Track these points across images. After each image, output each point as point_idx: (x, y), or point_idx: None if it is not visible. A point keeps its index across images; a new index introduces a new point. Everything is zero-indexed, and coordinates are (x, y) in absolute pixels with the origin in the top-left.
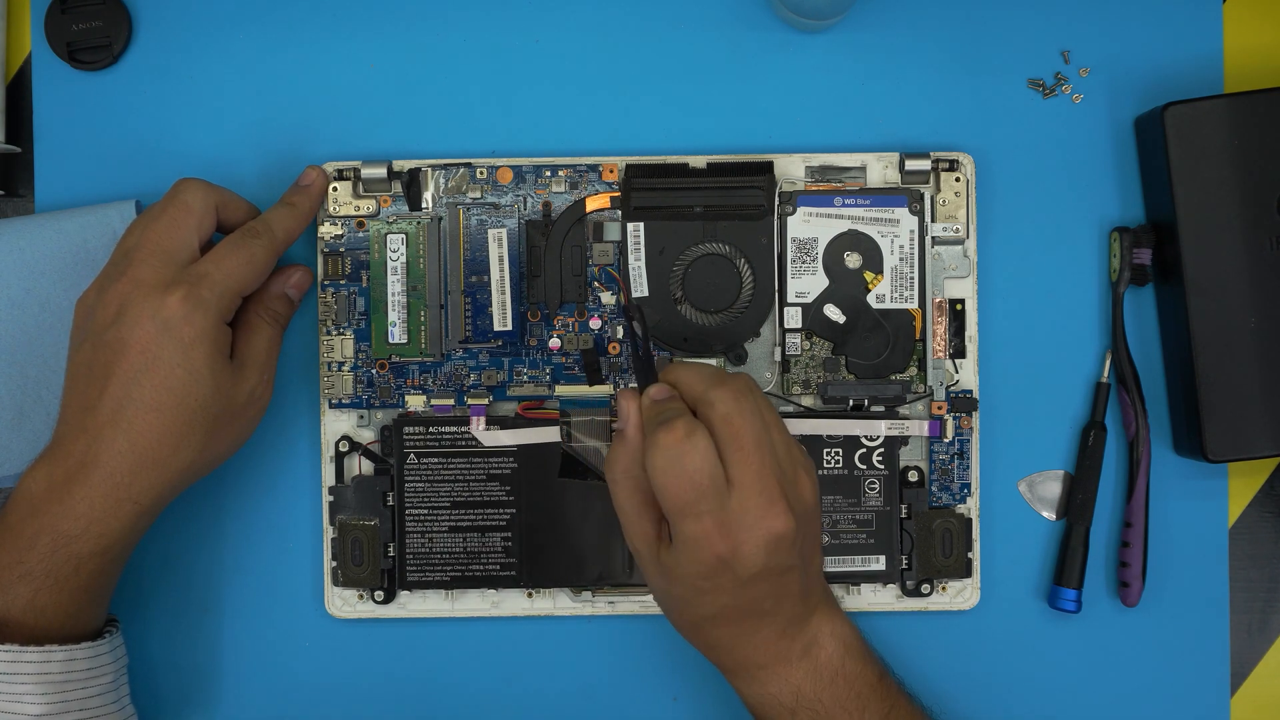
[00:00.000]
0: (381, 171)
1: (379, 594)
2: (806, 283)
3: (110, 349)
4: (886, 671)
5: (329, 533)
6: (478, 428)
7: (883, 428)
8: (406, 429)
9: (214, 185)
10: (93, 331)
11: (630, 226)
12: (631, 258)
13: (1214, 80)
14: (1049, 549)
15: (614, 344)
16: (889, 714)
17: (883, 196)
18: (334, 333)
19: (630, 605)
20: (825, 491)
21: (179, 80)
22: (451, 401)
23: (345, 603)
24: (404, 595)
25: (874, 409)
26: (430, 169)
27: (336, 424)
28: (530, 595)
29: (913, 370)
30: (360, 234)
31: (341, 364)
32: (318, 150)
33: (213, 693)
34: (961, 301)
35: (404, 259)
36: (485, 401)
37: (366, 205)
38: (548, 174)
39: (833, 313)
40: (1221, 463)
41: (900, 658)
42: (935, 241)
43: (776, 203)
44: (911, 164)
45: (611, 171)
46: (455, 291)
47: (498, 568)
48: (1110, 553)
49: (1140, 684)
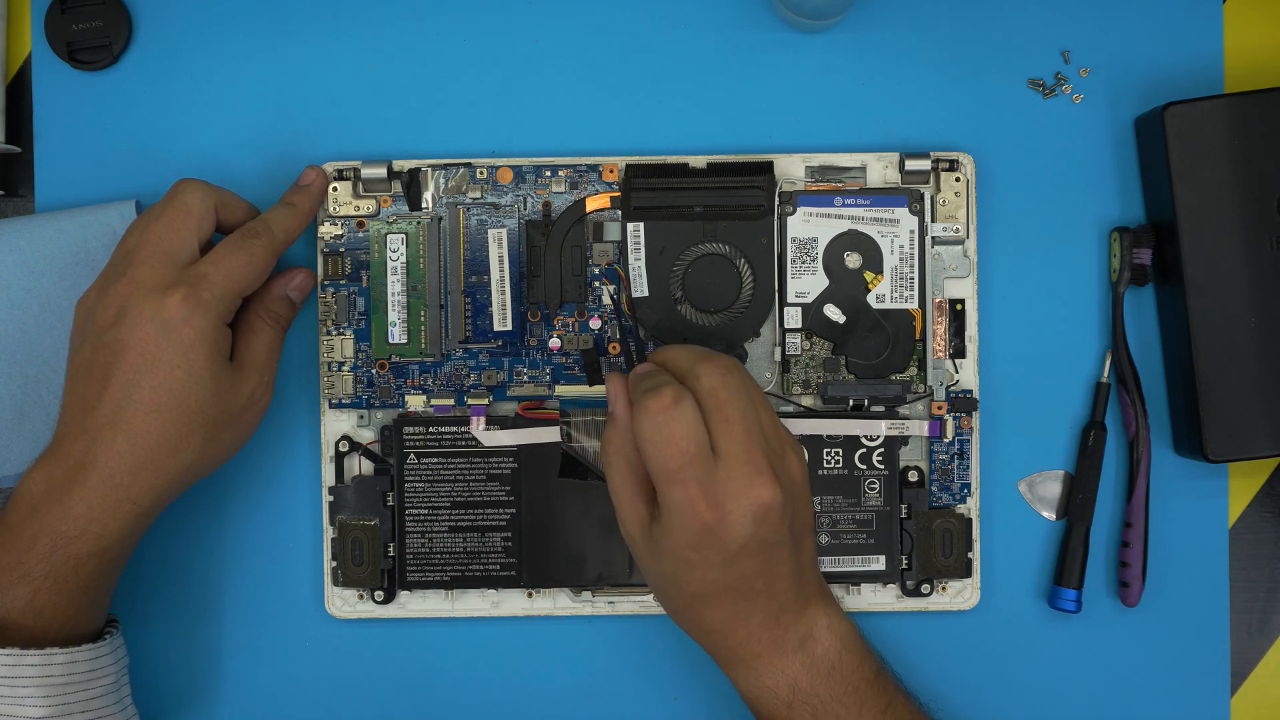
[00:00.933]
0: (381, 171)
1: (379, 594)
2: (806, 283)
3: (110, 350)
4: (884, 668)
5: (329, 533)
6: (478, 428)
7: (883, 428)
8: (406, 429)
9: (213, 186)
10: (92, 332)
11: (630, 226)
12: (631, 258)
13: (1214, 80)
14: (1049, 549)
15: (614, 344)
16: (886, 710)
17: (883, 196)
18: (334, 333)
19: (630, 605)
20: (825, 491)
21: (179, 80)
22: (451, 401)
23: (345, 603)
24: (404, 595)
25: (874, 409)
26: (430, 169)
27: (336, 424)
28: (530, 595)
29: (913, 370)
30: (360, 234)
31: (341, 364)
32: (318, 150)
33: (213, 693)
34: (961, 301)
35: (404, 259)
36: (485, 401)
37: (366, 205)
38: (548, 174)
39: (833, 313)
40: (1221, 463)
41: (900, 658)
42: (935, 241)
43: (776, 203)
44: (911, 164)
45: (611, 171)
46: (455, 291)
47: (498, 568)
48: (1110, 553)
49: (1140, 684)
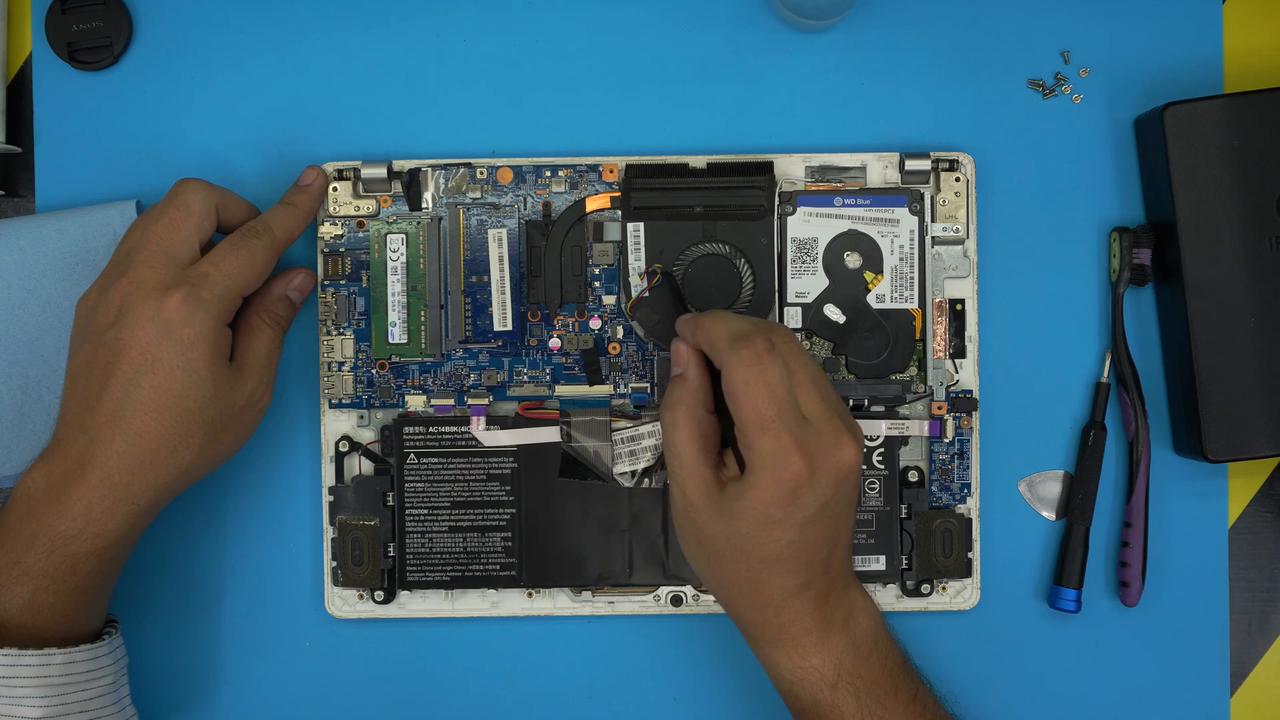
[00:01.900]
0: (381, 171)
1: (379, 594)
2: (806, 283)
3: (110, 350)
4: (908, 654)
5: (329, 533)
6: (478, 428)
7: (883, 428)
8: (406, 429)
9: (214, 185)
10: (93, 332)
11: (630, 226)
12: (631, 258)
13: (1214, 80)
14: (1049, 549)
15: (614, 344)
16: (916, 696)
17: (883, 196)
18: (334, 333)
19: (630, 605)
20: None
21: (179, 80)
22: (451, 401)
23: (345, 603)
24: (404, 595)
25: (874, 409)
26: (430, 169)
27: (336, 424)
28: (530, 595)
29: (913, 370)
30: (360, 234)
31: (341, 364)
32: (318, 150)
33: (213, 693)
34: (961, 301)
35: (404, 259)
36: (485, 401)
37: (366, 205)
38: (548, 174)
39: (833, 313)
40: (1221, 463)
41: None
42: (935, 241)
43: (776, 203)
44: (911, 164)
45: (611, 171)
46: (455, 291)
47: (498, 568)
48: (1110, 553)
49: (1140, 684)
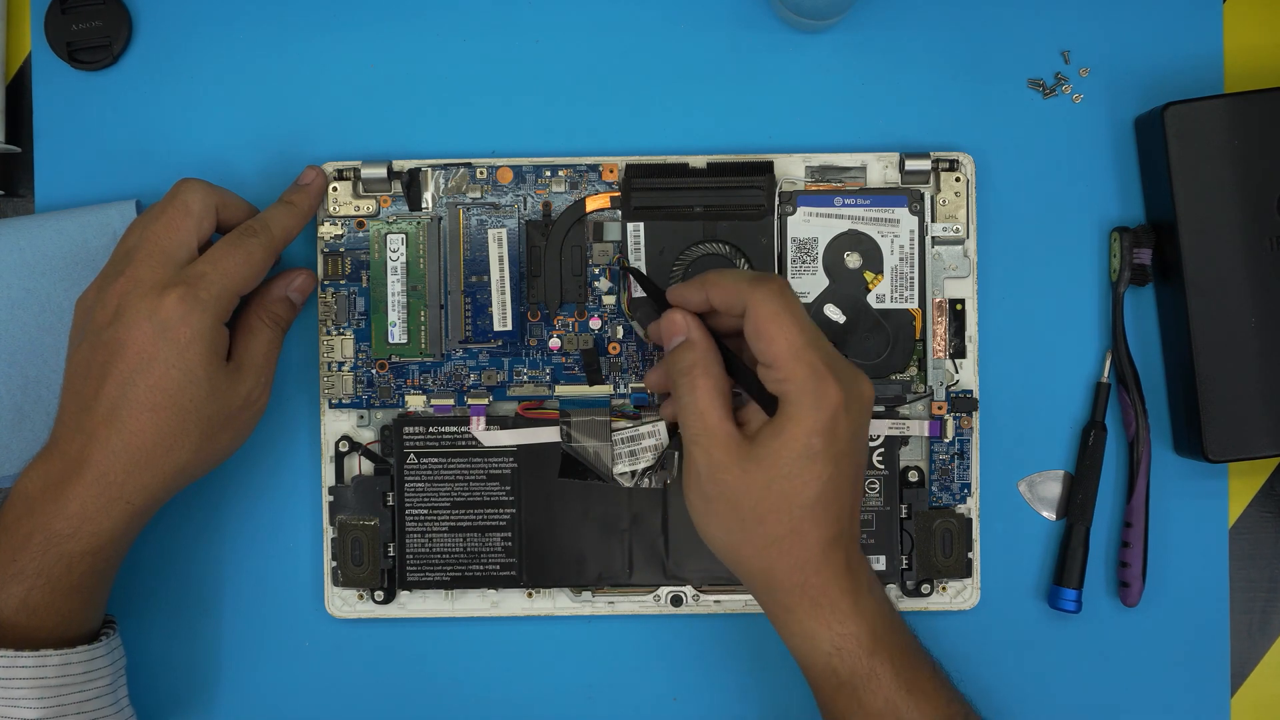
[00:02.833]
0: (381, 171)
1: (379, 594)
2: (806, 283)
3: (108, 348)
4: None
5: (329, 533)
6: (478, 428)
7: (883, 428)
8: (406, 429)
9: (214, 186)
10: (91, 331)
11: (630, 226)
12: (631, 258)
13: (1214, 80)
14: (1049, 549)
15: (614, 344)
16: (935, 670)
17: (883, 196)
18: (334, 333)
19: (630, 605)
20: None
21: (179, 80)
22: (451, 401)
23: (345, 603)
24: (404, 595)
25: (874, 409)
26: (430, 169)
27: (336, 424)
28: (530, 595)
29: (913, 370)
30: (360, 234)
31: (341, 364)
32: (318, 150)
33: (213, 693)
34: (961, 301)
35: (404, 259)
36: (485, 401)
37: (366, 205)
38: (548, 174)
39: (833, 313)
40: (1221, 463)
41: None
42: (935, 241)
43: (776, 203)
44: (911, 164)
45: (611, 171)
46: (455, 291)
47: (498, 568)
48: (1110, 553)
49: (1140, 684)
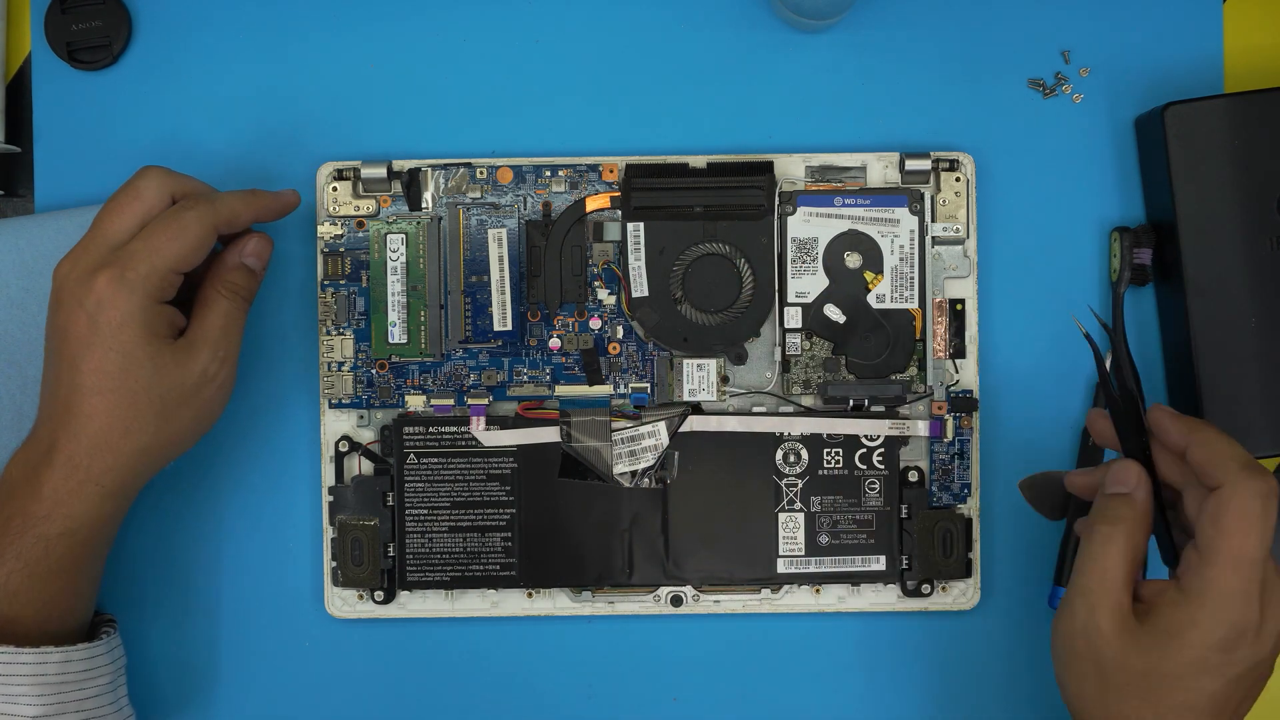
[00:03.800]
0: (381, 171)
1: (379, 594)
2: (806, 283)
3: (58, 335)
4: None
5: (329, 533)
6: (478, 428)
7: (883, 428)
8: (406, 429)
9: (174, 173)
10: (48, 316)
11: (630, 226)
12: (631, 258)
13: (1214, 80)
14: (1049, 549)
15: (614, 344)
16: None
17: (883, 196)
18: (334, 333)
19: (630, 605)
20: (825, 491)
21: (179, 80)
22: (451, 401)
23: (345, 603)
24: (404, 595)
25: (874, 409)
26: (430, 169)
27: (336, 424)
28: (530, 595)
29: (913, 370)
30: (360, 234)
31: (341, 364)
32: (318, 150)
33: (213, 693)
34: (961, 301)
35: (404, 259)
36: (485, 401)
37: (366, 205)
38: (548, 174)
39: (833, 313)
40: None
41: (900, 658)
42: (935, 241)
43: (776, 203)
44: (911, 164)
45: (611, 171)
46: (455, 291)
47: (498, 568)
48: None
49: None
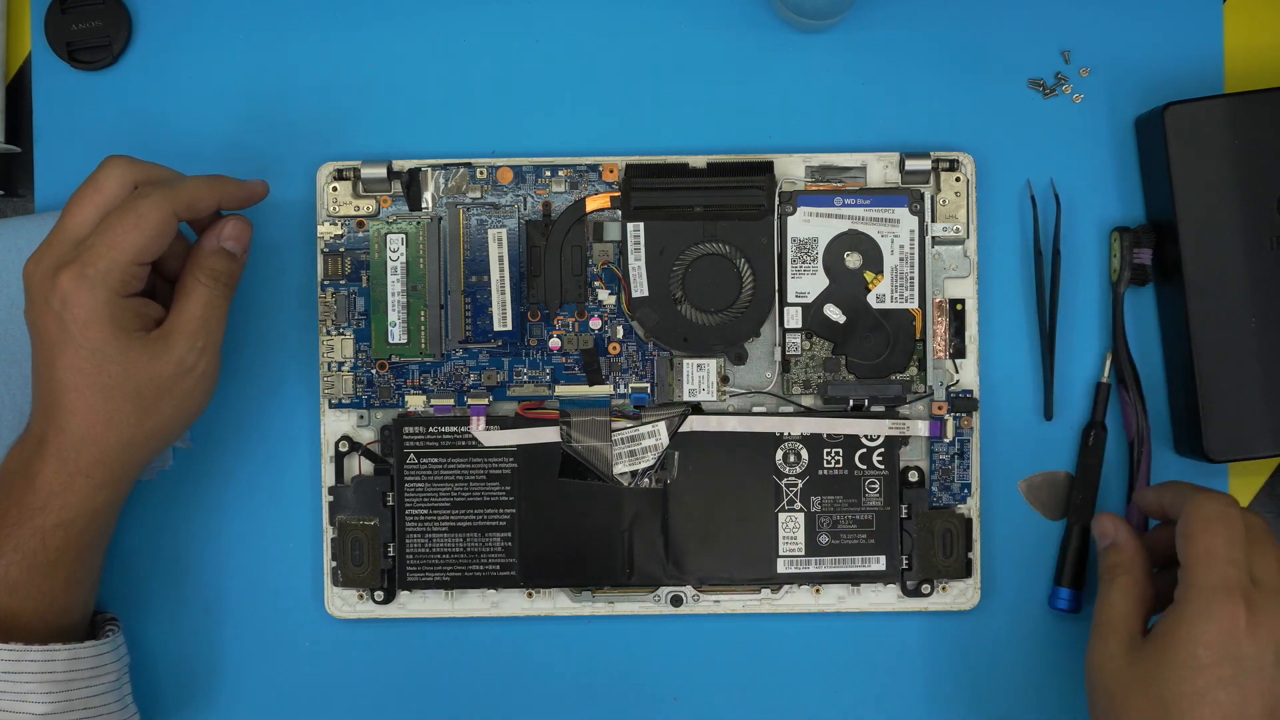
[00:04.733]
0: (381, 171)
1: (379, 594)
2: (806, 283)
3: (32, 332)
4: None
5: (329, 533)
6: (478, 428)
7: (883, 428)
8: (406, 429)
9: (138, 161)
10: (24, 314)
11: (630, 226)
12: (631, 258)
13: (1214, 80)
14: (1049, 549)
15: (614, 344)
16: None
17: (883, 196)
18: (334, 333)
19: (630, 605)
20: (825, 491)
21: (179, 80)
22: (451, 401)
23: (345, 603)
24: (404, 595)
25: (874, 409)
26: (430, 169)
27: (336, 424)
28: (530, 595)
29: (913, 370)
30: (360, 234)
31: (341, 364)
32: (318, 150)
33: (213, 693)
34: (961, 301)
35: (404, 259)
36: (485, 401)
37: (366, 205)
38: (548, 174)
39: (833, 313)
40: (1222, 463)
41: (900, 658)
42: (935, 241)
43: (776, 203)
44: (911, 164)
45: (611, 171)
46: (455, 291)
47: (497, 568)
48: None
49: None
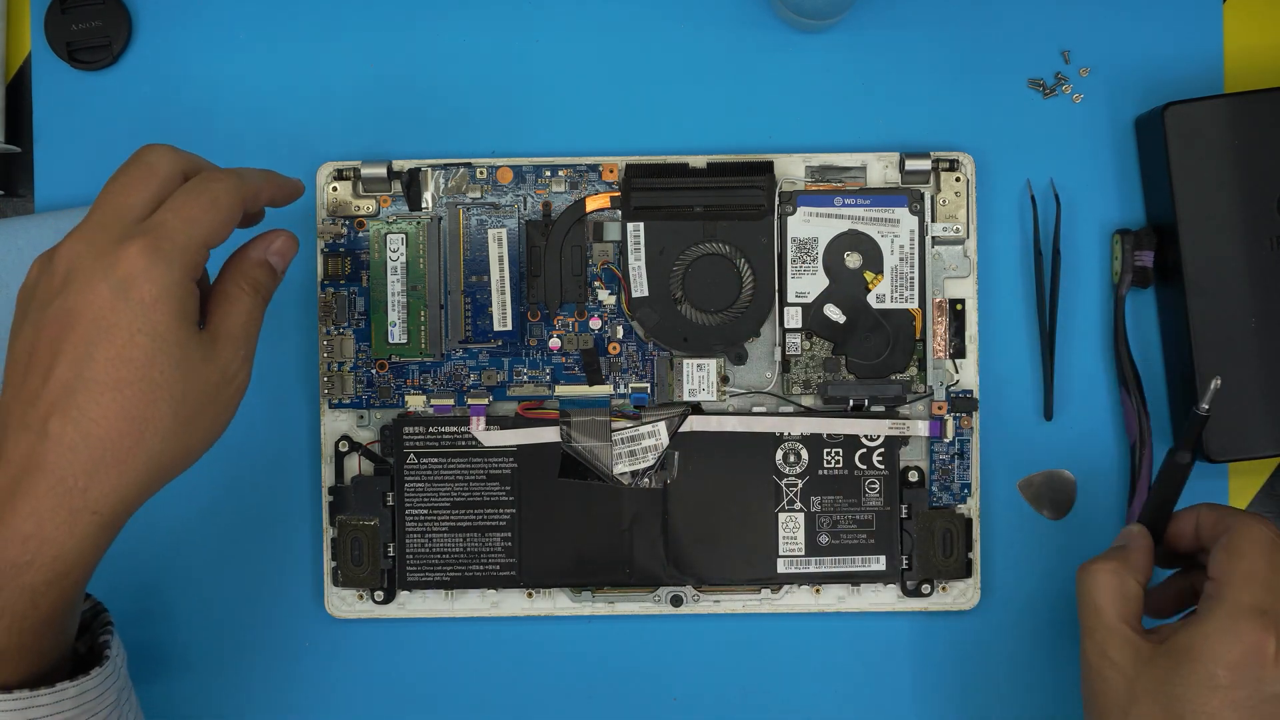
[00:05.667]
0: (381, 171)
1: (379, 594)
2: (806, 283)
3: (57, 323)
4: None
5: (329, 533)
6: (478, 428)
7: (883, 428)
8: (406, 429)
9: (183, 151)
10: (34, 310)
11: (630, 226)
12: (631, 258)
13: (1214, 80)
14: (1049, 549)
15: (614, 344)
16: None
17: (883, 196)
18: (334, 333)
19: (630, 605)
20: (825, 491)
21: (179, 80)
22: (451, 401)
23: (345, 603)
24: (404, 595)
25: (874, 409)
26: (430, 169)
27: (336, 424)
28: (530, 595)
29: (913, 370)
30: (360, 234)
31: (341, 364)
32: (318, 150)
33: (213, 692)
34: (961, 301)
35: (404, 259)
36: (485, 401)
37: (366, 205)
38: (548, 174)
39: (833, 313)
40: (1222, 462)
41: (900, 658)
42: (935, 241)
43: (776, 203)
44: (911, 164)
45: (611, 171)
46: (455, 291)
47: (497, 568)
48: None
49: None
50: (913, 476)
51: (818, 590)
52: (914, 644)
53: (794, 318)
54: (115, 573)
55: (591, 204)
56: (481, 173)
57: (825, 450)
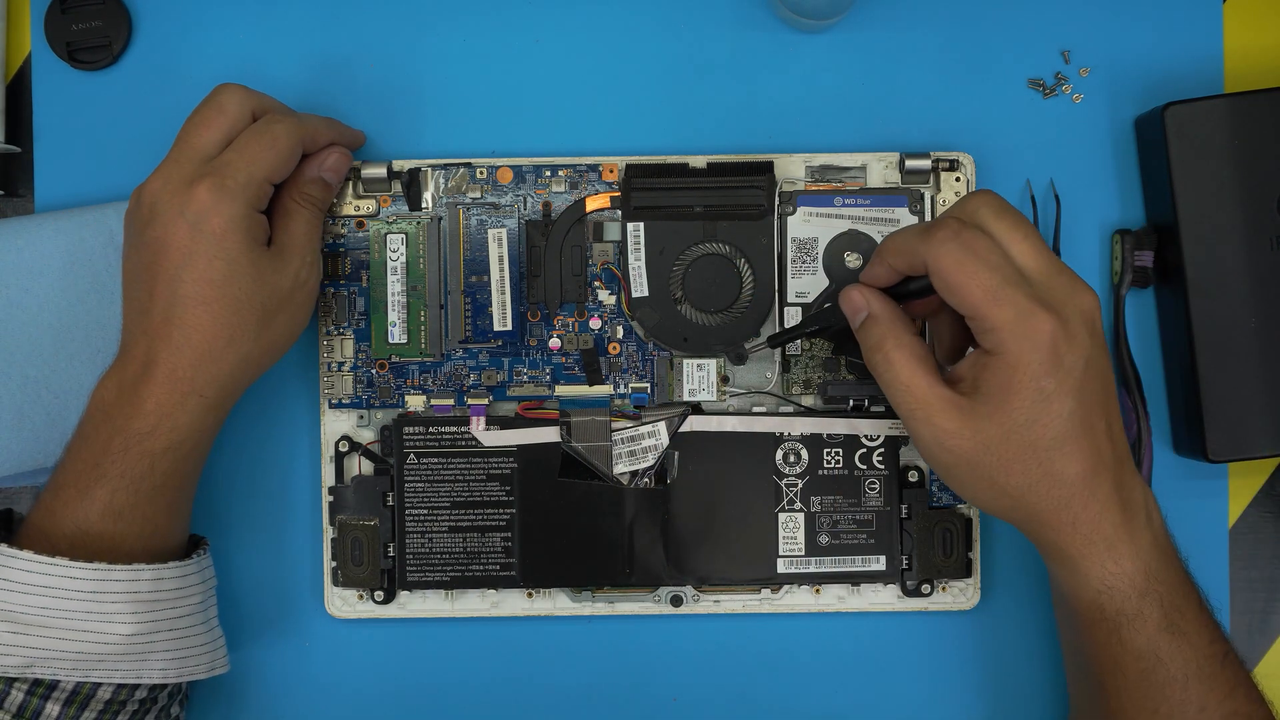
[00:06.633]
0: (381, 171)
1: (379, 594)
2: (806, 283)
3: (150, 250)
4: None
5: (329, 533)
6: (478, 428)
7: (883, 428)
8: (406, 429)
9: (254, 91)
10: (134, 234)
11: (630, 226)
12: (631, 258)
13: (1214, 80)
14: None
15: (614, 344)
16: (1203, 605)
17: (883, 196)
18: (334, 333)
19: (630, 605)
20: (825, 491)
21: (179, 80)
22: (451, 401)
23: (345, 603)
24: (404, 595)
25: (874, 409)
26: (430, 169)
27: (336, 424)
28: (530, 595)
29: None
30: (360, 234)
31: (341, 364)
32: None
33: (213, 692)
34: None
35: (404, 259)
36: (485, 401)
37: (366, 205)
38: (548, 174)
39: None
40: (1222, 463)
41: (900, 658)
42: None
43: (776, 203)
44: (911, 164)
45: (611, 171)
46: (455, 291)
47: (497, 568)
48: None
49: None
50: (913, 476)
51: (818, 590)
52: (914, 644)
53: (794, 318)
54: None
55: (591, 204)
56: (481, 173)
57: (825, 450)
